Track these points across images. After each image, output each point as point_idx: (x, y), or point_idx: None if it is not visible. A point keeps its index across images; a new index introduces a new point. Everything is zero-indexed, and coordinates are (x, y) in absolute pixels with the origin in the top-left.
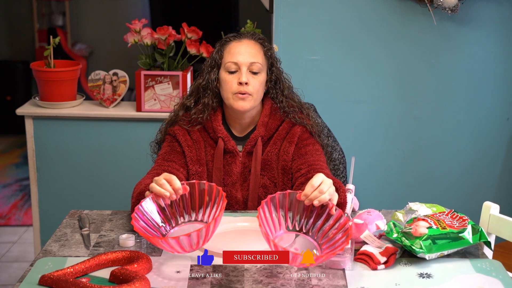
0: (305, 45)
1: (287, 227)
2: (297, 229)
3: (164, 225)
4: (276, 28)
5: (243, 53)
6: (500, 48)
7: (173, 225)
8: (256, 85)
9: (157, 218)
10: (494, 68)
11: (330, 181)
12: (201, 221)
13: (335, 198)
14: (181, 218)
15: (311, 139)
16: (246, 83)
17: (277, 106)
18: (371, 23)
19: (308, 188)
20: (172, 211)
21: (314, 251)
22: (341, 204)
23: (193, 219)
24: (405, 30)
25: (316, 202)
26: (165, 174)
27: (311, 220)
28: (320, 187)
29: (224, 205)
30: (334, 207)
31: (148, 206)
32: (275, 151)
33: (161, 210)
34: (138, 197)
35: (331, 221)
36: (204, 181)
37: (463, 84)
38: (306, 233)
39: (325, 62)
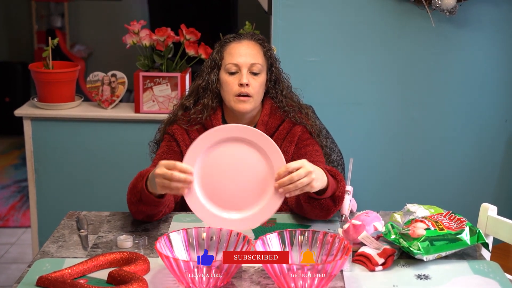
0: (303, 46)
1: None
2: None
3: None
4: (275, 29)
5: (243, 54)
6: (499, 50)
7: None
8: (257, 86)
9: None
10: (492, 70)
11: (312, 168)
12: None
13: (318, 186)
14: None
15: (311, 140)
16: (247, 85)
17: (277, 105)
18: (369, 25)
19: (281, 169)
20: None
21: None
22: (338, 197)
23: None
24: (403, 32)
25: (281, 190)
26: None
27: None
28: (295, 173)
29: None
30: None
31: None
32: None
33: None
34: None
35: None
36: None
37: (462, 86)
38: None
39: (323, 64)
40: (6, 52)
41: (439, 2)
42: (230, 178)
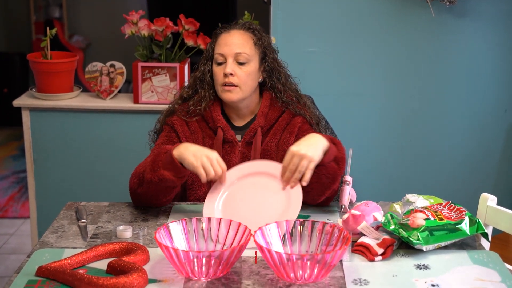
0: (302, 36)
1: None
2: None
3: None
4: (274, 19)
5: (229, 44)
6: (499, 40)
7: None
8: (243, 76)
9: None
10: (492, 60)
11: (298, 148)
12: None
13: (319, 153)
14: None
15: (311, 130)
16: (231, 74)
17: (276, 96)
18: (369, 15)
19: (281, 171)
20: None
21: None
22: (341, 158)
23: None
24: (403, 22)
25: (292, 184)
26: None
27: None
28: (290, 165)
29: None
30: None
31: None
32: (274, 142)
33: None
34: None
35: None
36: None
37: (461, 76)
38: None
39: (323, 54)
40: (4, 43)
41: None
42: (252, 210)
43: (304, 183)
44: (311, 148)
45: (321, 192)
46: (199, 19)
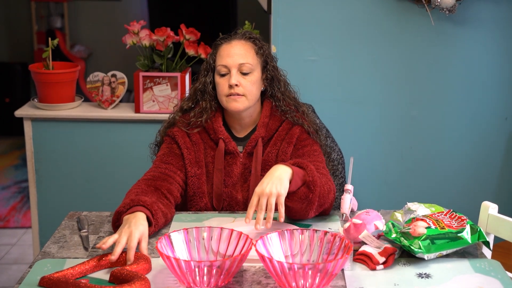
0: (303, 45)
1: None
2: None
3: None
4: (275, 28)
5: (231, 55)
6: (498, 48)
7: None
8: (248, 85)
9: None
10: (492, 68)
11: (261, 189)
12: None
13: (285, 186)
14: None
15: (309, 140)
16: (236, 85)
17: (276, 104)
18: (369, 24)
19: (249, 213)
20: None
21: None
22: (310, 182)
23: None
24: (403, 30)
25: (268, 226)
26: (137, 236)
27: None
28: (259, 208)
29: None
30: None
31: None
32: (275, 152)
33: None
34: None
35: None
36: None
37: (461, 84)
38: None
39: (323, 63)
40: (6, 53)
41: (439, 0)
42: None
43: (281, 220)
44: (275, 183)
45: (304, 214)
46: (200, 29)
